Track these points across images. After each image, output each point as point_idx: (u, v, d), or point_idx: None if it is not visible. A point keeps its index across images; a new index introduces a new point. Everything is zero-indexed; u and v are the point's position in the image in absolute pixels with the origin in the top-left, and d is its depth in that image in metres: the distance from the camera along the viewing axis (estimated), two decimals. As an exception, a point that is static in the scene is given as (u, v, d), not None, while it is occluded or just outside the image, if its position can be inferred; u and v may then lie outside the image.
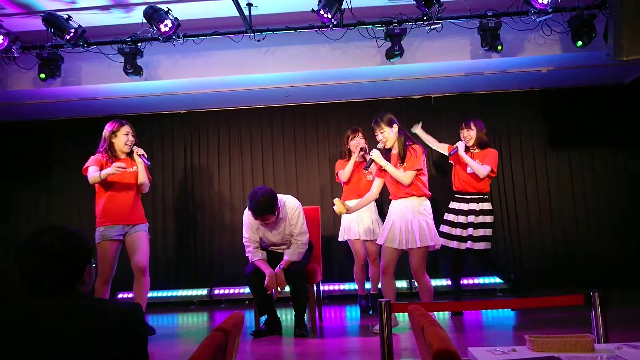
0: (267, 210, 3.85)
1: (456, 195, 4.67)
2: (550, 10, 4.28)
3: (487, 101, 5.89)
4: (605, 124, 5.82)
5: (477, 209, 4.51)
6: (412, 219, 3.82)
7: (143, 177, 4.20)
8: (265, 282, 3.87)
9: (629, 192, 5.76)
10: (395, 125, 3.94)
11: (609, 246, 5.66)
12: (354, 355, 3.44)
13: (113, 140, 4.14)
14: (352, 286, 5.59)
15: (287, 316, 4.67)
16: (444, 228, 4.59)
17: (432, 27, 4.51)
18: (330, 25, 4.41)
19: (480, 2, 4.48)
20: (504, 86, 5.83)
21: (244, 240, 4.11)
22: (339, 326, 4.56)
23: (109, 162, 4.09)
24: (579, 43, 4.43)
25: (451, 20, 4.57)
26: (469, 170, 4.56)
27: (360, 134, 4.80)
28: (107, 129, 4.19)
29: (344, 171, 4.78)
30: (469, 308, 4.37)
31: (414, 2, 4.25)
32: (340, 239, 4.86)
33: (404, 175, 3.84)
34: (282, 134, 6.11)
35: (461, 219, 4.54)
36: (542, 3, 4.19)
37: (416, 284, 4.12)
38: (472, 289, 5.64)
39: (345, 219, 4.73)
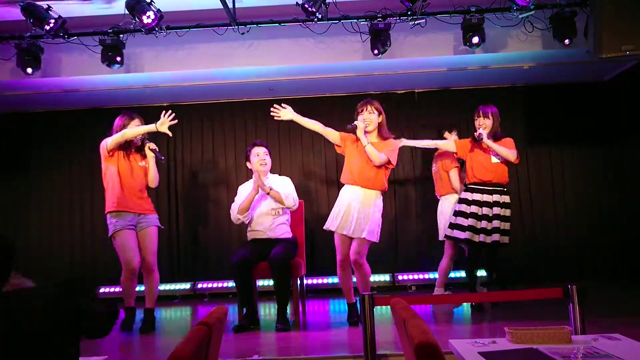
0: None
1: (471, 186, 4.35)
2: (532, 7, 4.33)
3: (469, 97, 5.91)
4: (585, 120, 5.90)
5: (491, 201, 4.25)
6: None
7: (154, 172, 4.19)
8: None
9: (609, 187, 5.86)
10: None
11: (588, 241, 5.76)
12: (337, 348, 3.46)
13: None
14: (336, 280, 5.62)
15: (270, 310, 4.67)
16: (469, 221, 4.25)
17: (416, 22, 4.53)
18: (315, 19, 4.41)
19: (463, -2, 4.52)
20: (486, 82, 5.88)
21: (231, 209, 4.24)
22: (322, 320, 4.57)
23: (114, 153, 4.05)
24: (566, 41, 4.47)
25: (435, 16, 4.60)
26: (493, 160, 4.32)
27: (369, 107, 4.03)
28: (117, 122, 4.11)
29: None
30: (449, 301, 4.42)
31: (398, -3, 4.27)
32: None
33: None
34: (266, 127, 6.08)
35: (474, 208, 4.24)
36: (524, 0, 4.23)
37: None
38: (450, 282, 5.67)
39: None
